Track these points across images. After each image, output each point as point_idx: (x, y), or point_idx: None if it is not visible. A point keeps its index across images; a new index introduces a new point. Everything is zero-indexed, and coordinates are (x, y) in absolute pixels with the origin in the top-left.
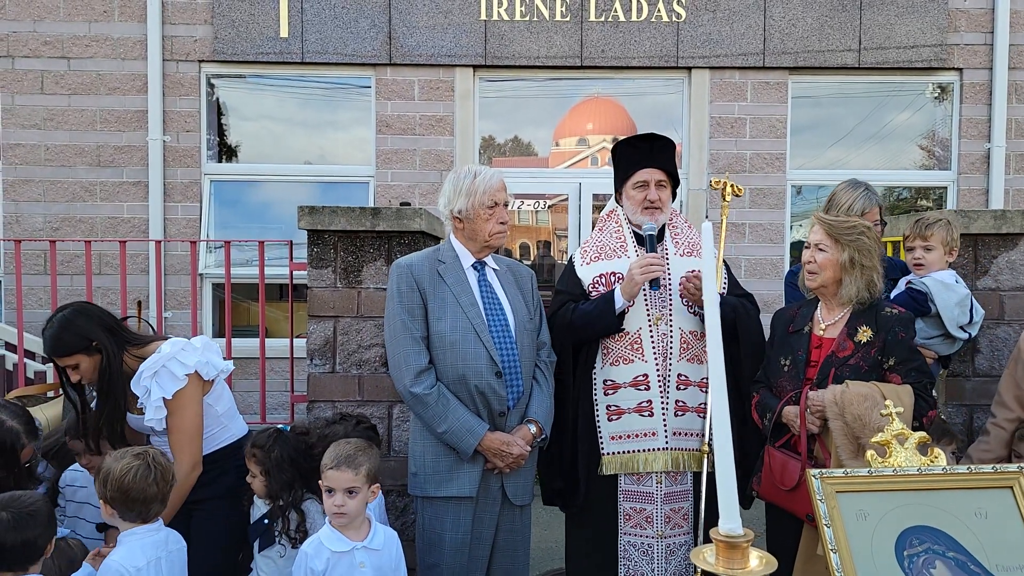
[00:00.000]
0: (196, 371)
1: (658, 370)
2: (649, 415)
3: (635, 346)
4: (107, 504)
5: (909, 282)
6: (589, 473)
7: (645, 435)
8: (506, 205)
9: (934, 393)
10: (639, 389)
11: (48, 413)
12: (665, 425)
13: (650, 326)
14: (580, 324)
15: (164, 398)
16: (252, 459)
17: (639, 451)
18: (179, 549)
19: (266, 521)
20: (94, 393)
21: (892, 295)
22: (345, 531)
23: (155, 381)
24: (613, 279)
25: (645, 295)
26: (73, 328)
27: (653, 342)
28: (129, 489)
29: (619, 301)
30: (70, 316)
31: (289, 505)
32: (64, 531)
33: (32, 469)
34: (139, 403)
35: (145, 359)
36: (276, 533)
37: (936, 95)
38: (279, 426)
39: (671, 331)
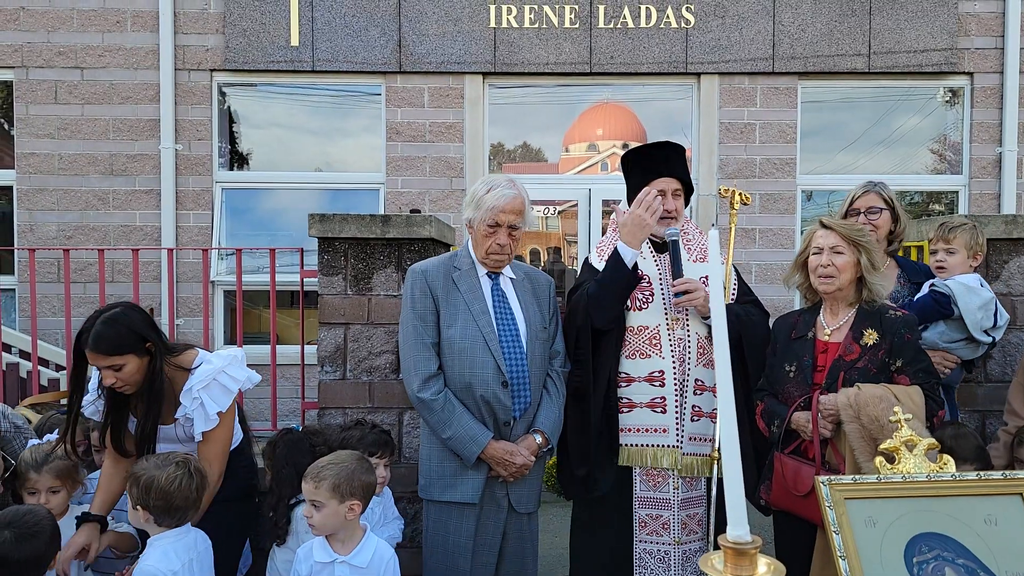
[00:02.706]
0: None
1: (675, 371)
2: (662, 411)
3: (654, 342)
4: (145, 510)
5: (932, 284)
6: (605, 465)
7: (655, 431)
8: (513, 228)
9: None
10: (654, 385)
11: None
12: (679, 426)
13: (668, 326)
14: (596, 292)
15: (219, 412)
16: (265, 454)
17: (647, 446)
18: (206, 549)
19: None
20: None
21: (916, 298)
22: (332, 541)
23: (206, 393)
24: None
25: (664, 296)
26: (130, 325)
27: (671, 343)
28: (173, 497)
29: (627, 253)
30: (126, 311)
31: (280, 502)
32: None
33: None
34: (178, 413)
35: (181, 367)
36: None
37: (947, 99)
38: (292, 425)
39: (688, 335)
